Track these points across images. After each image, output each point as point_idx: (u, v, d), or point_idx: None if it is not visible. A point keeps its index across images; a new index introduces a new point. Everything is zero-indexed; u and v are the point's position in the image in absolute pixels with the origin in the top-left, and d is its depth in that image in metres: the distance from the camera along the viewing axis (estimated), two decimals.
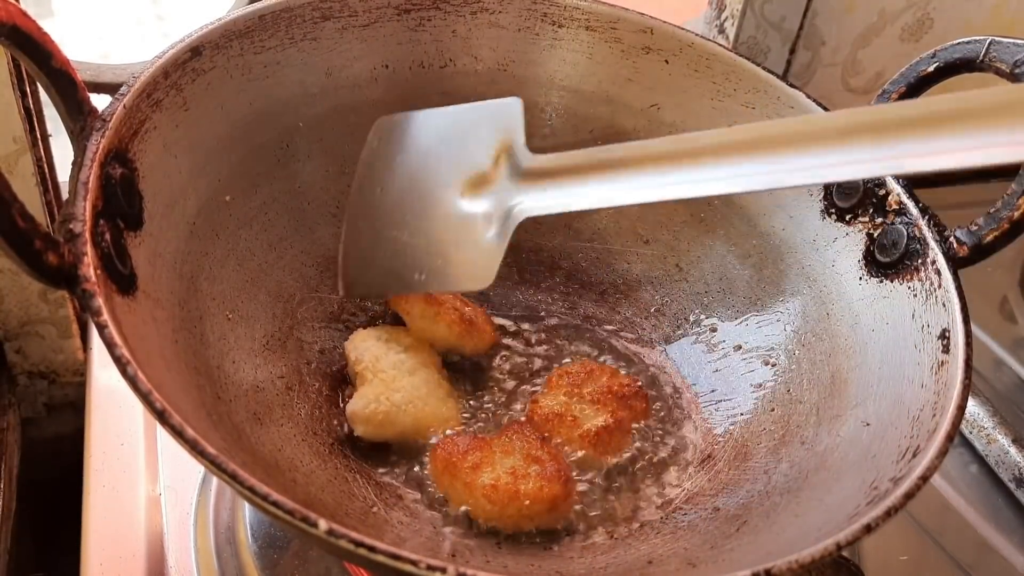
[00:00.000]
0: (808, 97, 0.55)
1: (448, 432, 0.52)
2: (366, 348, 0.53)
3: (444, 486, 0.49)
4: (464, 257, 0.51)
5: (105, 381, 0.68)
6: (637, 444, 0.54)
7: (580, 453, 0.52)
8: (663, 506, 0.51)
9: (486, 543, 0.48)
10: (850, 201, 0.54)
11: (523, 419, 0.54)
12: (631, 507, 0.51)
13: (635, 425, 0.54)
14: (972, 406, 0.70)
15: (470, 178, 0.51)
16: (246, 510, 0.57)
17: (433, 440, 0.51)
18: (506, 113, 0.51)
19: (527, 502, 0.47)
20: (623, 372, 0.57)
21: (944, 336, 0.46)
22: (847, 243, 0.54)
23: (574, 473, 0.51)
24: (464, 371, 0.57)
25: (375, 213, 0.54)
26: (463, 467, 0.48)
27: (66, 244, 0.37)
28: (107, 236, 0.40)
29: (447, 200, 0.51)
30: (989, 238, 0.48)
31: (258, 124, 0.54)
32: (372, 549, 0.33)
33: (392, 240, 0.53)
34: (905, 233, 0.50)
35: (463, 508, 0.48)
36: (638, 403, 0.55)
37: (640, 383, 0.56)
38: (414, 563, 0.33)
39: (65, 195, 0.54)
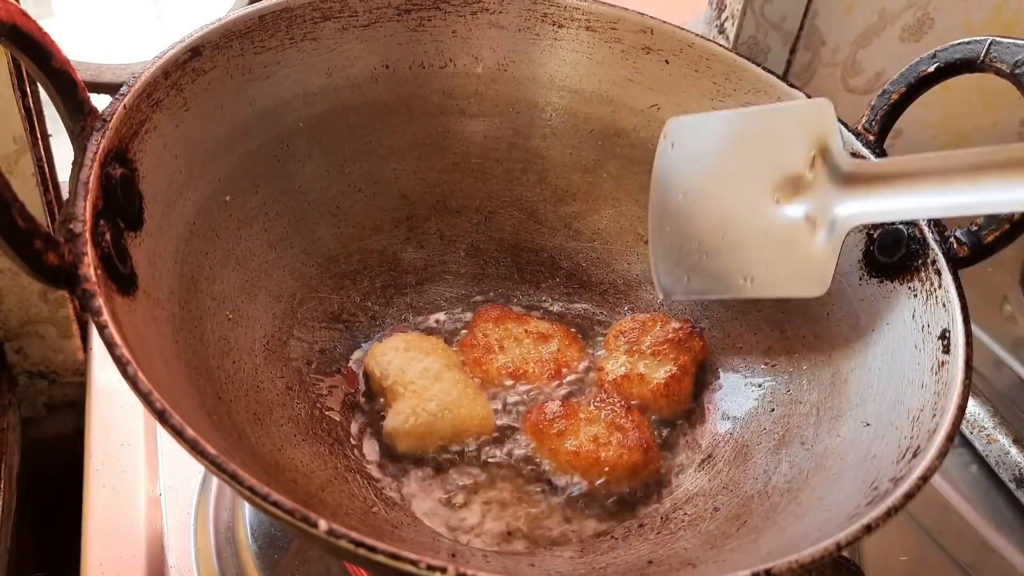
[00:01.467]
0: (808, 97, 0.55)
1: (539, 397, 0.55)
2: (388, 362, 0.54)
3: (537, 444, 0.53)
4: (792, 262, 0.50)
5: (105, 381, 0.68)
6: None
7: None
8: (663, 506, 0.51)
9: (486, 543, 0.48)
10: None
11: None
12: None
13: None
14: (972, 406, 0.70)
15: (785, 181, 0.50)
16: (246, 510, 0.57)
17: (472, 447, 0.53)
18: (818, 115, 0.49)
19: (607, 468, 0.51)
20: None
21: (944, 336, 0.46)
22: (847, 243, 0.54)
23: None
24: None
25: (683, 217, 0.54)
26: (550, 433, 0.52)
27: (66, 244, 0.37)
28: (107, 236, 0.40)
29: (762, 204, 0.51)
30: (989, 238, 0.48)
31: (258, 124, 0.54)
32: (372, 549, 0.33)
33: (708, 243, 0.53)
34: (905, 233, 0.50)
35: (548, 462, 0.52)
36: (695, 343, 0.57)
37: (691, 324, 0.58)
38: (414, 563, 0.33)
39: (65, 195, 0.54)
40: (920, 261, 0.49)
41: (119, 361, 0.35)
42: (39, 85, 0.41)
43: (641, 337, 0.57)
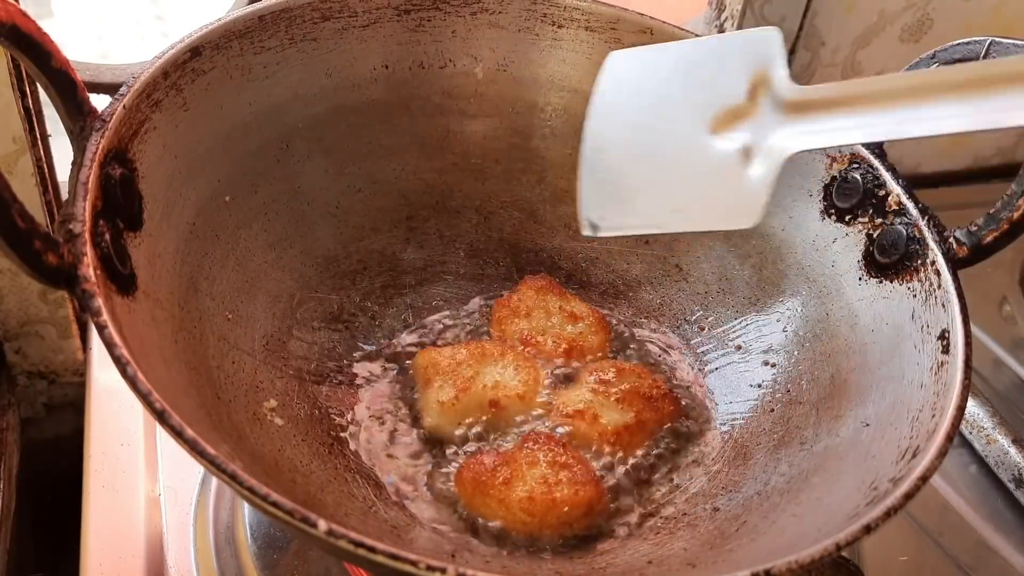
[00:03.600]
0: None
1: (468, 449, 0.52)
2: (429, 359, 0.55)
3: (476, 507, 0.49)
4: (724, 194, 0.48)
5: (105, 381, 0.68)
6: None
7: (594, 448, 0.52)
8: (663, 506, 0.51)
9: (486, 543, 0.48)
10: (850, 202, 0.54)
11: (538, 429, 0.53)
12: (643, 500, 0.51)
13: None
14: (972, 406, 0.70)
15: (723, 112, 0.48)
16: (246, 510, 0.57)
17: (519, 421, 0.53)
18: (763, 44, 0.47)
19: (566, 508, 0.47)
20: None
21: (944, 336, 0.46)
22: (847, 244, 0.54)
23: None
24: None
25: (618, 148, 0.51)
26: (494, 484, 0.48)
27: (66, 244, 0.37)
28: (107, 236, 0.40)
29: (698, 136, 0.48)
30: (989, 239, 0.48)
31: (258, 124, 0.54)
32: (372, 549, 0.33)
33: (640, 176, 0.50)
34: (905, 234, 0.50)
35: (495, 524, 0.48)
36: (666, 405, 0.54)
37: (669, 387, 0.56)
38: (414, 563, 0.33)
39: (65, 195, 0.54)
40: (920, 261, 0.49)
41: (119, 361, 0.35)
42: (39, 85, 0.41)
43: (615, 381, 0.54)
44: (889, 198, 0.52)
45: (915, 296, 0.49)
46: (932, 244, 0.49)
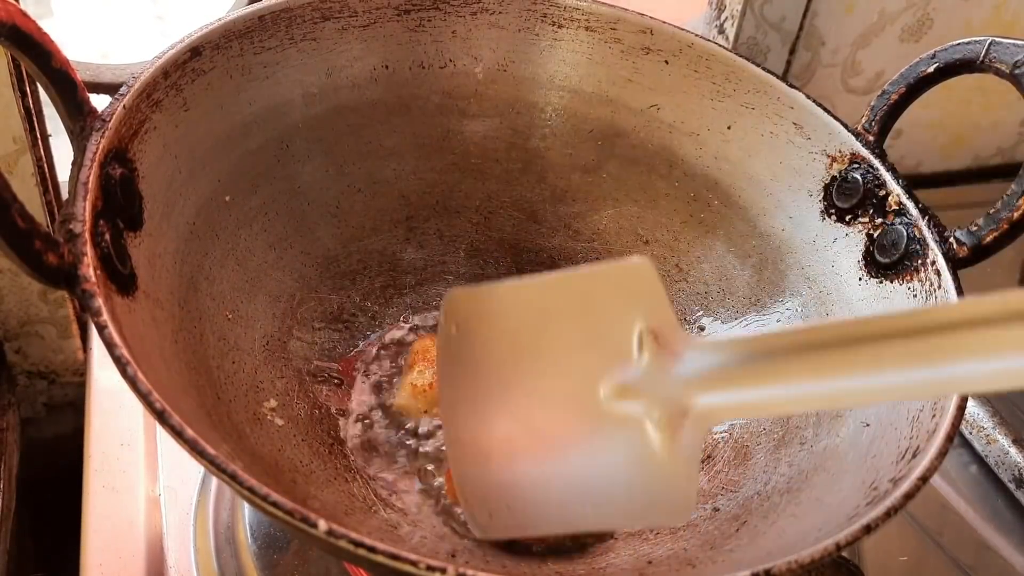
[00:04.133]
0: (808, 97, 0.55)
1: None
2: (422, 345, 0.56)
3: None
4: (641, 481, 0.37)
5: (105, 381, 0.67)
6: None
7: None
8: None
9: (486, 543, 0.48)
10: (850, 202, 0.54)
11: None
12: None
13: None
14: (972, 406, 0.70)
15: (608, 372, 0.37)
16: (246, 510, 0.57)
17: None
18: (635, 278, 0.37)
19: None
20: None
21: None
22: (847, 244, 0.54)
23: None
24: None
25: (488, 431, 0.41)
26: None
27: (66, 244, 0.37)
28: (107, 236, 0.40)
29: (589, 402, 0.37)
30: (989, 239, 0.48)
31: (258, 124, 0.54)
32: (372, 549, 0.33)
33: (519, 465, 0.40)
34: (905, 234, 0.50)
35: None
36: None
37: None
38: (414, 563, 0.33)
39: (65, 195, 0.54)
40: (920, 261, 0.49)
41: (119, 361, 0.35)
42: (39, 85, 0.41)
43: None
44: (889, 198, 0.52)
45: (915, 296, 0.49)
46: (932, 244, 0.49)
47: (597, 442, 0.38)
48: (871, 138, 0.54)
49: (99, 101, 0.43)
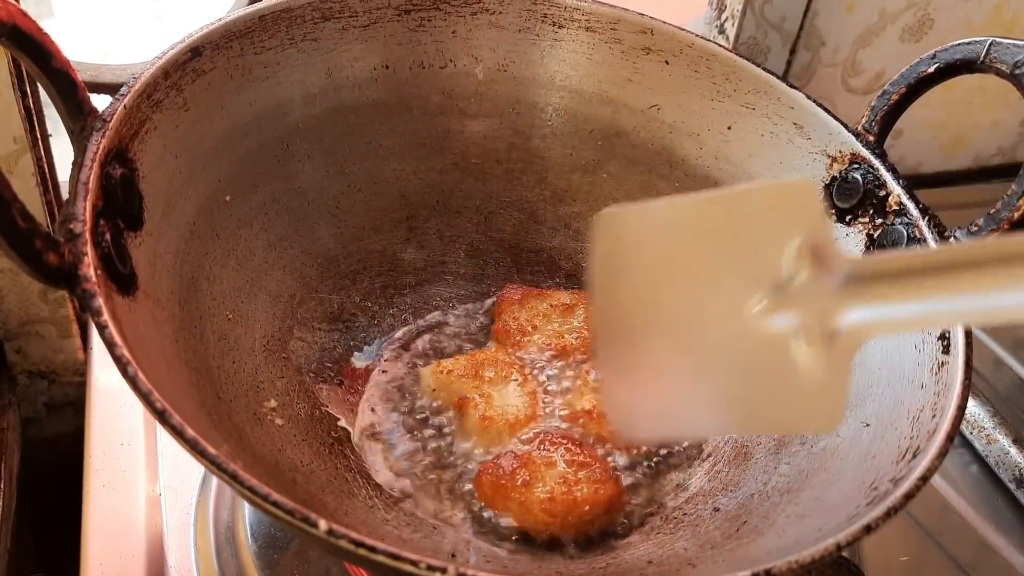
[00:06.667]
0: (808, 98, 0.55)
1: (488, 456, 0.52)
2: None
3: (499, 508, 0.49)
4: (789, 389, 0.39)
5: (105, 381, 0.68)
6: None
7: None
8: (664, 506, 0.51)
9: (485, 543, 0.48)
10: (850, 202, 0.54)
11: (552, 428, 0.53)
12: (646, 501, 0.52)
13: None
14: (972, 406, 0.70)
15: (762, 287, 0.38)
16: (246, 510, 0.57)
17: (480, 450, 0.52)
18: (799, 198, 0.38)
19: (587, 507, 0.48)
20: None
21: (944, 337, 0.46)
22: (847, 244, 0.54)
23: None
24: None
25: (638, 335, 0.42)
26: (514, 487, 0.48)
27: (66, 244, 0.37)
28: (107, 236, 0.40)
29: (738, 317, 0.39)
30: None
31: (258, 124, 0.54)
32: (372, 549, 0.33)
33: (670, 370, 0.42)
34: (905, 234, 0.50)
35: (506, 523, 0.49)
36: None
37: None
38: (414, 563, 0.33)
39: (65, 195, 0.54)
40: None
41: (119, 361, 0.35)
42: (39, 85, 0.41)
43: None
44: (890, 198, 0.52)
45: None
46: (932, 244, 0.49)
47: (747, 353, 0.39)
48: (871, 138, 0.54)
49: (99, 101, 0.43)
